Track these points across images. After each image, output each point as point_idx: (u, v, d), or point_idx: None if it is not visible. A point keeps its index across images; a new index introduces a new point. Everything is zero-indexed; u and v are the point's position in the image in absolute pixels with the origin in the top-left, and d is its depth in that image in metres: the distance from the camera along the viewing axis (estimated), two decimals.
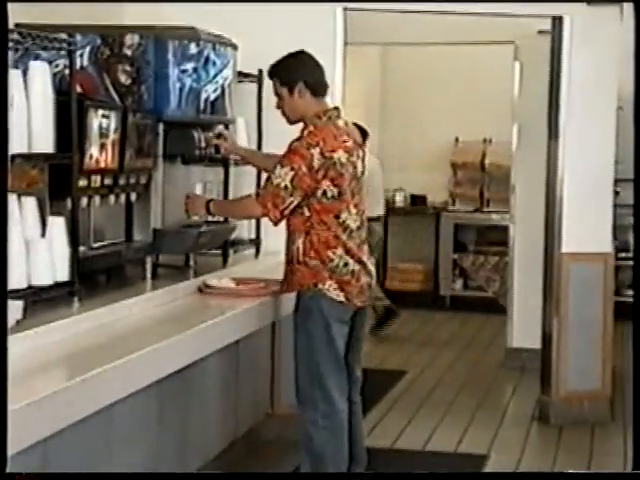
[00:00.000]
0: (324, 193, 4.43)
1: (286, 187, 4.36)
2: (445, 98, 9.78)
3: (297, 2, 5.77)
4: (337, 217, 4.47)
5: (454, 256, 10.34)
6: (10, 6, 3.79)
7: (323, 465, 4.57)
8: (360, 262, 4.53)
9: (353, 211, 4.52)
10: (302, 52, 4.62)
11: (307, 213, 4.44)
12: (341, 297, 4.48)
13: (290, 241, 4.53)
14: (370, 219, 8.40)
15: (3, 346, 2.57)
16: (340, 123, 4.57)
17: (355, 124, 7.82)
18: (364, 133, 8.33)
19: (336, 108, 4.67)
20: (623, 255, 9.60)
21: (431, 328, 9.02)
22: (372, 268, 4.65)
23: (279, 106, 4.60)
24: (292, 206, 4.41)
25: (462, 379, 7.61)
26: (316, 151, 4.38)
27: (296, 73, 4.52)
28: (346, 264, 4.49)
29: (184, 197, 4.67)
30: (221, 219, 5.11)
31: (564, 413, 6.34)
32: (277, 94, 4.58)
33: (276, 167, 4.42)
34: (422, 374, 7.75)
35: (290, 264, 4.54)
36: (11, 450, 2.84)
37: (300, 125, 4.55)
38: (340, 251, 4.48)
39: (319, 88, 4.55)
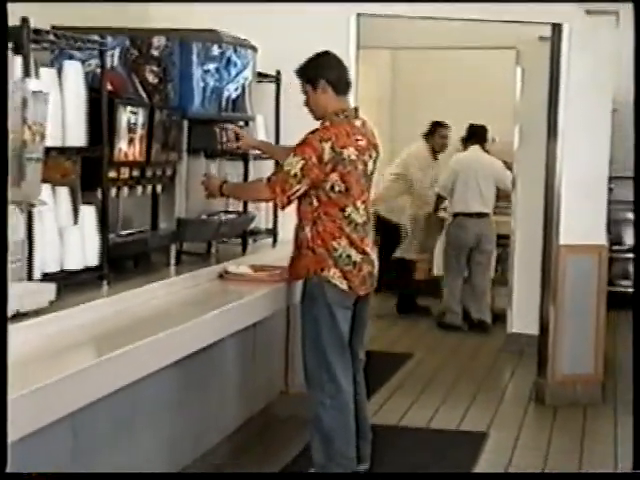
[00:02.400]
0: (332, 187, 4.43)
1: (295, 175, 4.36)
2: (451, 99, 9.76)
3: (314, 2, 5.76)
4: (342, 210, 4.47)
5: None
6: (46, 9, 3.81)
7: (332, 443, 4.58)
8: (363, 253, 4.53)
9: (360, 207, 4.51)
10: (326, 52, 4.64)
11: (315, 203, 4.45)
12: (344, 285, 4.48)
13: (299, 228, 4.53)
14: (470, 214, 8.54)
15: (3, 349, 2.49)
16: (357, 123, 4.56)
17: (475, 125, 8.30)
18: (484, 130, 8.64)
19: (355, 109, 4.66)
20: (616, 248, 9.60)
21: (435, 314, 9.03)
22: (375, 258, 4.64)
23: (306, 103, 4.61)
24: (298, 193, 4.41)
25: (464, 362, 7.61)
26: (327, 145, 4.38)
27: (319, 71, 4.53)
28: (349, 255, 4.48)
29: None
30: (241, 209, 5.13)
31: (559, 395, 6.33)
32: (304, 92, 4.59)
33: (289, 156, 4.42)
34: (427, 357, 7.76)
35: (298, 250, 4.53)
36: (41, 423, 2.87)
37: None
38: (344, 242, 4.48)
39: (341, 86, 4.55)
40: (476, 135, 8.87)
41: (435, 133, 9.28)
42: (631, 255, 10.15)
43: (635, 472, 3.77)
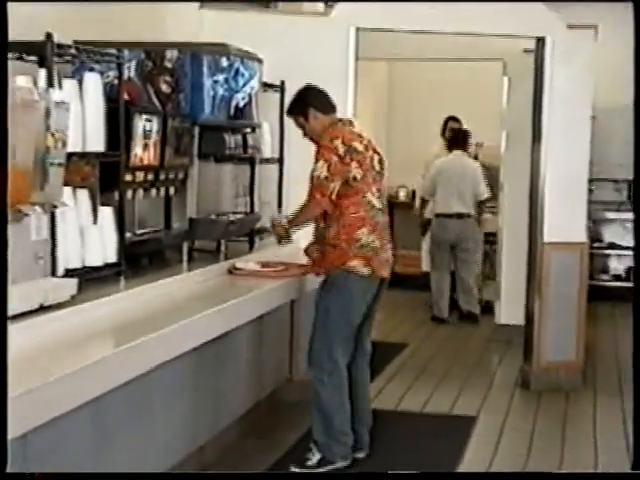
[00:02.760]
0: (354, 177, 4.56)
1: (326, 177, 4.49)
2: (443, 106, 9.73)
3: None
4: (363, 197, 4.60)
5: None
6: (68, 25, 3.82)
7: (331, 421, 4.65)
8: (382, 239, 4.64)
9: (376, 193, 4.65)
10: (307, 86, 4.76)
11: (336, 199, 4.54)
12: (366, 271, 4.58)
13: (324, 227, 4.62)
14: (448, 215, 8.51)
15: (3, 351, 2.45)
16: (355, 129, 4.69)
17: (458, 129, 8.59)
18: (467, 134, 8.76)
19: (350, 120, 4.81)
20: (596, 245, 9.61)
21: (429, 307, 9.02)
22: (390, 246, 4.74)
23: (304, 134, 4.73)
24: (335, 191, 4.51)
25: (456, 351, 7.61)
26: (338, 142, 4.53)
27: (305, 102, 4.66)
28: (371, 242, 4.59)
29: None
30: (247, 210, 5.13)
31: (543, 380, 6.33)
32: (299, 126, 4.74)
33: (314, 166, 4.53)
34: (421, 346, 7.75)
35: (325, 246, 4.62)
36: (65, 408, 2.87)
37: None
38: (366, 230, 4.59)
39: (327, 108, 4.68)
40: (459, 140, 8.83)
41: (447, 128, 9.27)
42: (609, 251, 10.18)
43: (635, 472, 3.62)
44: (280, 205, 5.60)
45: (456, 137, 8.81)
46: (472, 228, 8.66)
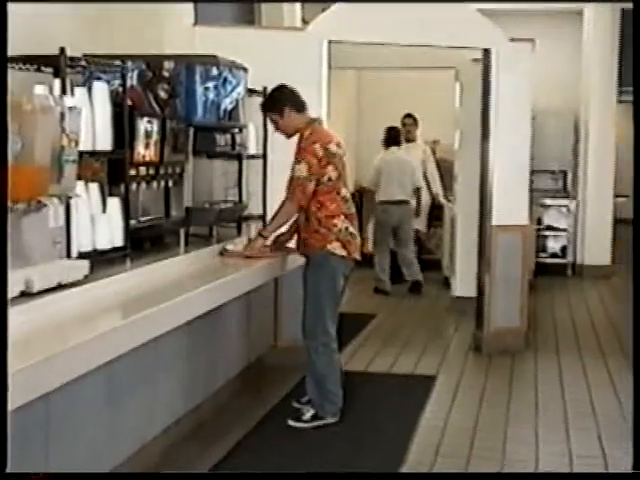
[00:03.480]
0: (329, 178, 4.57)
1: (305, 177, 4.51)
2: (405, 109, 9.75)
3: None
4: (338, 193, 4.61)
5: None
6: (79, 40, 3.81)
7: (324, 383, 4.67)
8: (354, 227, 4.68)
9: (347, 187, 4.71)
10: (281, 85, 4.72)
11: (316, 195, 4.55)
12: (344, 252, 4.61)
13: (304, 217, 4.61)
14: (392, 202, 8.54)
15: (3, 348, 2.37)
16: (325, 127, 4.73)
17: (392, 127, 8.58)
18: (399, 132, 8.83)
19: (320, 120, 4.82)
20: (536, 227, 9.67)
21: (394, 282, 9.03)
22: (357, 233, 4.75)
23: (276, 129, 4.73)
24: (311, 190, 4.52)
25: (418, 320, 7.63)
26: (317, 145, 4.54)
27: (281, 101, 4.63)
28: (346, 228, 4.62)
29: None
30: (236, 200, 5.13)
31: (492, 344, 6.37)
32: (272, 122, 4.72)
33: (293, 166, 4.53)
34: (387, 317, 7.78)
35: (306, 232, 4.63)
36: (81, 371, 2.87)
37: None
38: (342, 218, 4.61)
39: (300, 106, 4.65)
40: (393, 138, 8.86)
41: (403, 124, 9.32)
42: (548, 232, 10.25)
43: (635, 472, 3.43)
44: (265, 194, 5.57)
45: (390, 136, 8.85)
46: (409, 213, 8.74)
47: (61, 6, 3.91)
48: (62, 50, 3.31)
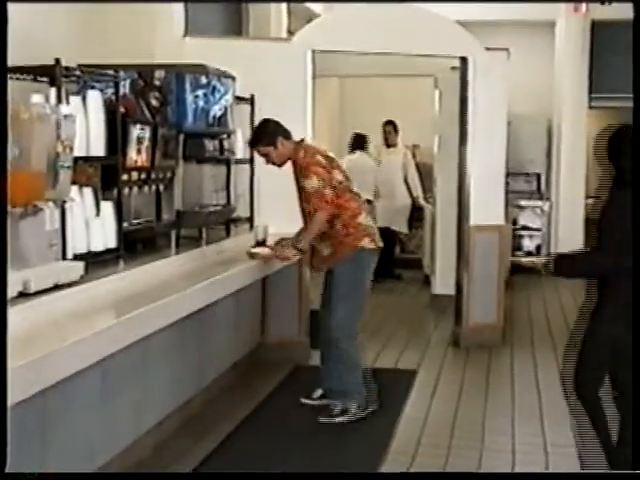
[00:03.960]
0: (339, 181, 4.60)
1: (323, 186, 4.50)
2: (386, 116, 9.76)
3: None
4: (351, 191, 4.68)
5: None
6: (73, 50, 3.80)
7: (357, 374, 4.75)
8: (371, 218, 4.78)
9: (355, 187, 4.77)
10: (266, 119, 4.71)
11: (330, 199, 4.52)
12: (373, 245, 4.67)
13: (330, 226, 4.58)
14: None
15: (3, 349, 2.35)
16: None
17: (358, 134, 8.54)
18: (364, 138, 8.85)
19: (302, 139, 4.83)
20: (512, 227, 9.72)
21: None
22: None
23: (267, 162, 4.68)
24: (330, 195, 4.50)
25: (400, 317, 7.63)
26: (318, 156, 4.61)
27: (272, 134, 4.60)
28: (368, 222, 4.69)
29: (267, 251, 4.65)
30: (225, 203, 5.13)
31: (470, 339, 6.39)
32: (263, 155, 4.66)
33: (304, 184, 4.52)
34: (369, 313, 7.73)
35: (334, 240, 4.61)
36: (77, 368, 2.88)
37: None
38: (364, 215, 4.68)
39: (288, 134, 4.65)
40: (359, 142, 8.94)
41: (384, 130, 9.38)
42: (523, 232, 10.30)
43: (635, 472, 3.34)
44: (252, 197, 5.58)
45: (355, 141, 8.94)
46: (372, 211, 8.81)
47: (56, 17, 3.91)
48: (57, 60, 3.32)
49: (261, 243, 4.76)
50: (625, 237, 3.56)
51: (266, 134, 4.64)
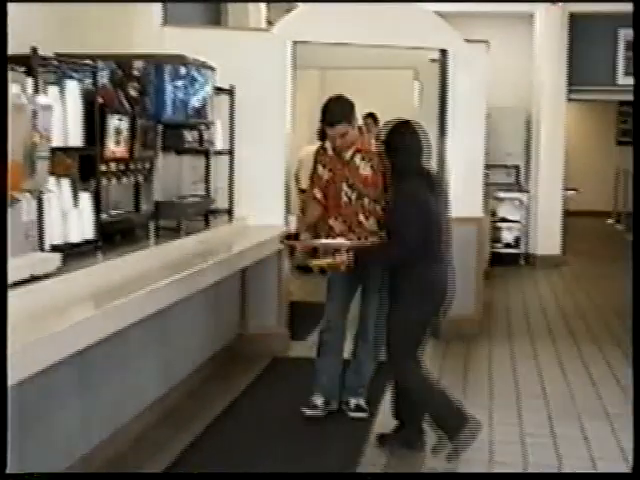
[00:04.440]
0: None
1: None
2: (367, 107, 9.76)
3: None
4: None
5: None
6: (51, 39, 3.77)
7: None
8: None
9: None
10: (341, 96, 4.47)
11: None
12: None
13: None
14: None
15: (3, 350, 2.35)
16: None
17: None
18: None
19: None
20: (491, 219, 9.77)
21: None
22: None
23: (342, 143, 4.41)
24: None
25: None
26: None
27: (351, 111, 4.41)
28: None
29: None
30: (204, 194, 5.11)
31: (449, 331, 6.36)
32: (342, 135, 4.37)
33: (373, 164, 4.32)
34: (354, 307, 7.77)
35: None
36: (54, 359, 2.86)
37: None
38: None
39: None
40: (320, 134, 8.92)
41: (364, 123, 9.32)
42: (501, 224, 10.36)
43: (635, 472, 3.34)
44: (231, 188, 5.56)
45: (319, 133, 8.94)
46: None
47: (34, 7, 3.86)
48: (34, 50, 3.28)
49: (294, 236, 4.60)
50: (420, 227, 3.85)
51: (349, 110, 4.36)
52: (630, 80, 10.72)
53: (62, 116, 3.50)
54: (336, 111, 4.39)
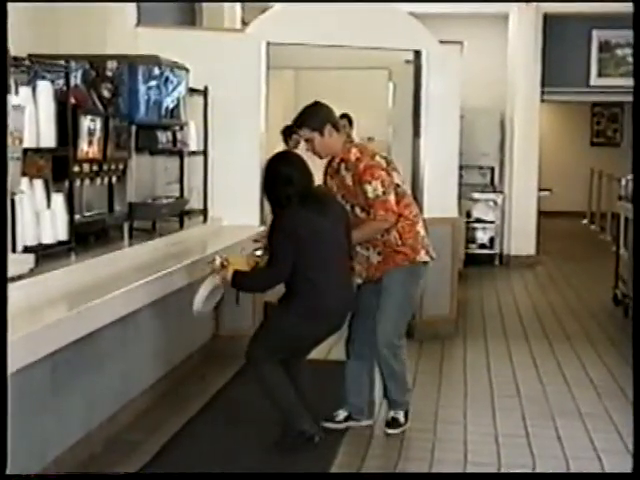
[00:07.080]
0: (397, 184, 4.27)
1: (383, 193, 4.15)
2: (341, 108, 9.75)
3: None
4: (408, 196, 4.41)
5: None
6: (23, 39, 3.76)
7: (405, 381, 4.61)
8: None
9: None
10: (318, 102, 4.36)
11: (395, 208, 4.21)
12: (428, 257, 4.39)
13: (383, 234, 4.26)
14: None
15: (3, 350, 2.35)
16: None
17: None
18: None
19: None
20: (465, 220, 9.84)
21: None
22: None
23: (309, 148, 4.29)
24: (393, 202, 4.17)
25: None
26: (377, 157, 4.28)
27: (323, 118, 4.26)
28: (424, 232, 4.39)
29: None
30: (178, 195, 5.12)
31: (424, 331, 6.45)
32: (306, 140, 4.26)
33: (365, 188, 4.15)
34: None
35: (387, 250, 4.29)
36: (27, 361, 2.85)
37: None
38: (420, 224, 4.37)
39: (338, 125, 4.33)
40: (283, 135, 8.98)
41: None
42: (476, 225, 10.44)
43: (635, 472, 3.31)
44: (205, 189, 5.56)
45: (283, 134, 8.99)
46: None
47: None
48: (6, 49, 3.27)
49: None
50: (288, 256, 3.91)
51: (315, 117, 4.24)
52: (603, 81, 10.88)
53: (34, 117, 3.48)
54: (303, 116, 4.32)
